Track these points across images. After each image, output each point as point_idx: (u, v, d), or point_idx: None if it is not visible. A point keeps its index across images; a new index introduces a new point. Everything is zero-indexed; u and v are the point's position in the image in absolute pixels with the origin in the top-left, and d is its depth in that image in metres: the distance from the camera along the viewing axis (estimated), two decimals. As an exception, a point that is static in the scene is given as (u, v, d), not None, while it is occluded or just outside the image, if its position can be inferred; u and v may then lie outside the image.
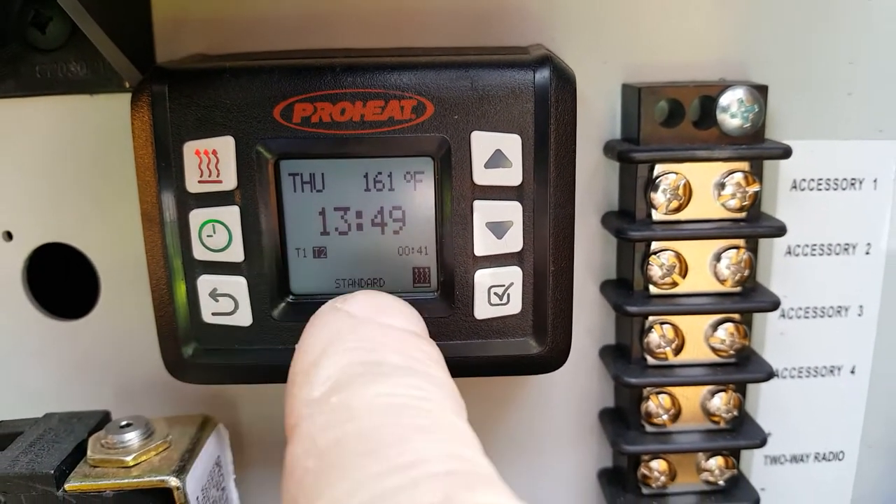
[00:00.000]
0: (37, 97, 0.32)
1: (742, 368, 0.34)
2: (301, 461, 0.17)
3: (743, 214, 0.32)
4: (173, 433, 0.31)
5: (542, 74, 0.26)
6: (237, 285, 0.28)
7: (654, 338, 0.33)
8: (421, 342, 0.21)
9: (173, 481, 0.28)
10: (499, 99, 0.26)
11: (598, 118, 0.34)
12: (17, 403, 0.36)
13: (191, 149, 0.26)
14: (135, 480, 0.28)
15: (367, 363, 0.19)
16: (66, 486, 0.28)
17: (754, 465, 0.39)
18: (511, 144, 0.26)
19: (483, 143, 0.26)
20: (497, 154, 0.26)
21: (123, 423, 0.30)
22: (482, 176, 0.27)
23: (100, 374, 0.36)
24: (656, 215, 0.32)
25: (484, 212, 0.27)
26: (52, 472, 0.28)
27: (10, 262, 0.34)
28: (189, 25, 0.32)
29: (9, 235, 0.34)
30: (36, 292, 0.35)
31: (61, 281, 0.36)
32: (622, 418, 0.36)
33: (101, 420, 0.32)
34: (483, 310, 0.28)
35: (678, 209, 0.32)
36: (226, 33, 0.32)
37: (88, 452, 0.29)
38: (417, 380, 0.19)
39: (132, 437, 0.30)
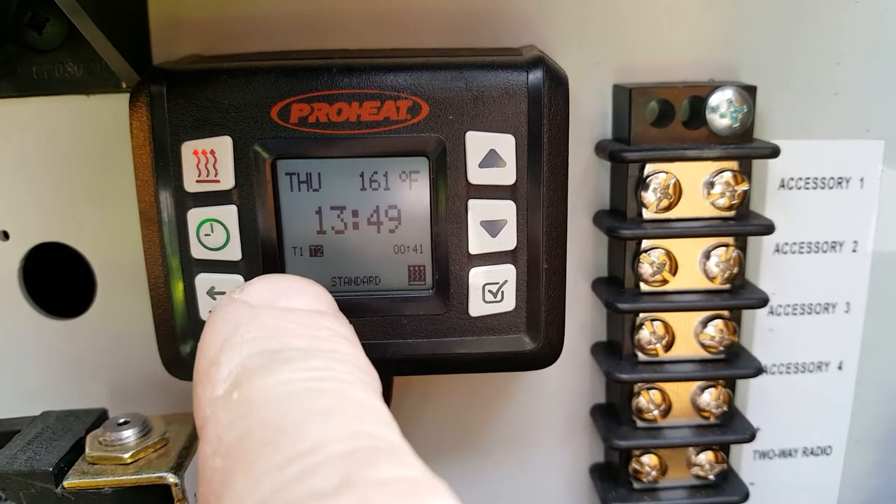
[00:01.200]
0: (34, 97, 0.32)
1: (731, 364, 0.34)
2: (210, 462, 0.16)
3: (732, 213, 0.33)
4: (170, 430, 0.31)
5: (536, 75, 0.27)
6: (235, 284, 0.28)
7: (644, 334, 0.34)
8: (325, 319, 0.20)
9: (171, 478, 0.28)
10: (493, 99, 0.27)
11: (589, 118, 0.34)
12: (13, 402, 0.36)
13: (189, 149, 0.27)
14: (133, 477, 0.28)
15: (267, 352, 0.18)
16: (65, 483, 0.28)
17: (743, 459, 0.39)
18: (505, 144, 0.27)
19: (477, 143, 0.27)
20: (491, 154, 0.27)
21: (121, 420, 0.30)
22: (476, 175, 0.27)
23: (96, 373, 0.36)
24: (647, 214, 0.33)
25: (478, 210, 0.27)
26: (51, 469, 0.28)
27: (6, 262, 0.35)
28: (185, 26, 0.32)
29: (5, 235, 0.34)
30: (32, 292, 0.35)
31: (58, 280, 0.36)
32: (614, 414, 0.36)
33: (99, 418, 0.32)
34: (477, 307, 0.28)
35: (668, 208, 0.33)
36: (221, 34, 0.32)
37: (86, 450, 0.29)
38: (321, 360, 0.18)
39: (130, 435, 0.30)
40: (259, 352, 0.18)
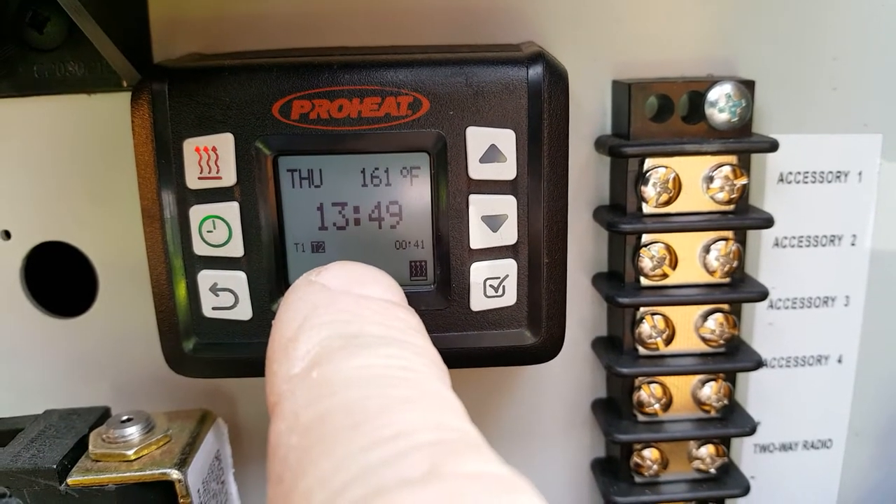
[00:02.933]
0: (35, 97, 0.32)
1: (731, 358, 0.34)
2: (284, 438, 0.16)
3: (731, 207, 0.33)
4: (173, 427, 0.31)
5: (536, 71, 0.27)
6: (237, 280, 0.28)
7: (645, 328, 0.34)
8: (399, 311, 0.20)
9: (175, 474, 0.29)
10: (493, 95, 0.27)
11: (589, 114, 0.34)
12: (16, 401, 0.36)
13: (191, 146, 0.27)
14: (137, 474, 0.29)
15: (346, 335, 0.18)
16: (69, 481, 0.28)
17: (744, 453, 0.39)
18: (505, 139, 0.27)
19: (478, 139, 0.27)
20: (492, 149, 0.27)
21: (124, 417, 0.30)
22: (477, 170, 0.27)
23: (98, 371, 0.36)
24: (647, 208, 0.33)
25: (479, 206, 0.27)
26: (55, 466, 0.28)
27: (8, 261, 0.35)
28: (185, 24, 0.32)
29: (7, 234, 0.34)
30: (34, 290, 0.36)
31: (59, 279, 0.36)
32: (614, 408, 0.36)
33: (101, 416, 0.32)
34: (479, 302, 0.28)
35: (668, 202, 0.33)
36: (222, 32, 0.32)
37: (90, 447, 0.30)
38: (398, 349, 0.18)
39: (133, 432, 0.30)
40: (339, 334, 0.18)
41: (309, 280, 0.21)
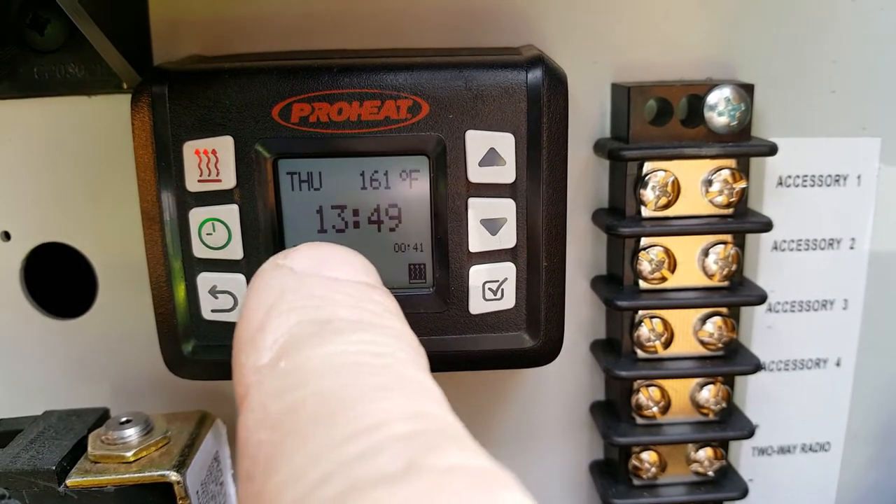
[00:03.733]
0: (35, 98, 0.32)
1: (730, 361, 0.34)
2: (254, 433, 0.15)
3: (730, 210, 0.33)
4: (172, 429, 0.31)
5: (535, 74, 0.27)
6: (236, 282, 0.28)
7: (643, 331, 0.34)
8: (374, 292, 0.19)
9: (174, 476, 0.29)
10: (492, 98, 0.27)
11: (588, 117, 0.34)
12: (15, 402, 0.36)
13: (190, 148, 0.27)
14: (136, 475, 0.29)
15: (316, 321, 0.17)
16: (68, 482, 0.28)
17: (742, 456, 0.39)
18: (504, 143, 0.27)
19: (477, 142, 0.27)
20: (491, 152, 0.27)
21: (123, 419, 0.30)
22: (476, 174, 0.27)
23: (97, 373, 0.36)
24: (645, 212, 0.33)
25: (478, 209, 0.27)
26: (54, 467, 0.28)
27: (8, 262, 0.35)
28: (185, 27, 0.32)
29: (7, 235, 0.34)
30: (34, 291, 0.36)
31: (59, 280, 0.36)
32: (613, 411, 0.36)
33: (101, 417, 0.32)
34: (478, 305, 0.28)
35: (667, 206, 0.33)
36: (222, 35, 0.32)
37: (89, 448, 0.30)
38: (372, 334, 0.17)
39: (132, 433, 0.30)
40: (308, 320, 0.17)
41: (276, 263, 0.19)
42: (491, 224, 0.28)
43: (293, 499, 0.13)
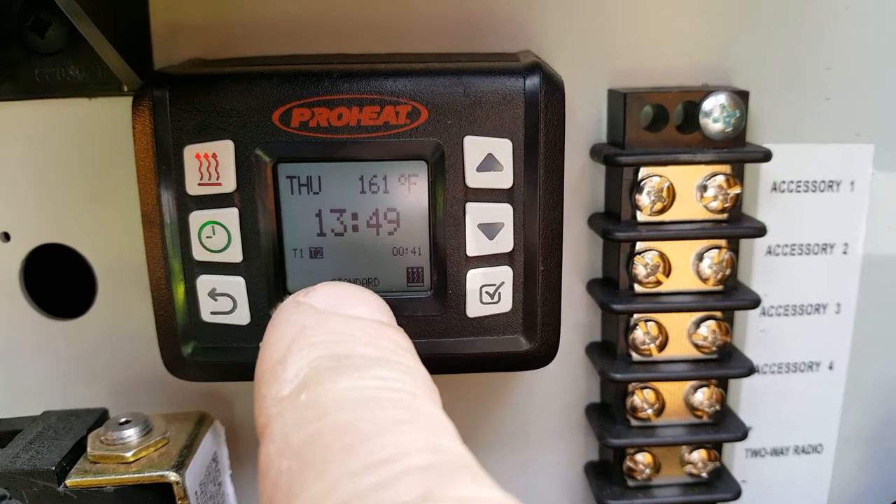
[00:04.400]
0: (35, 100, 0.33)
1: (724, 364, 0.35)
2: (275, 462, 0.16)
3: (724, 216, 0.33)
4: (171, 430, 0.31)
5: (532, 81, 0.27)
6: (236, 285, 0.28)
7: (638, 335, 0.34)
8: (389, 331, 0.20)
9: (173, 476, 0.29)
10: (491, 105, 0.27)
11: (584, 123, 0.34)
12: (14, 402, 0.36)
13: (191, 152, 0.27)
14: (135, 475, 0.29)
15: (336, 356, 0.18)
16: (67, 482, 0.28)
17: (736, 458, 0.40)
18: (502, 148, 0.27)
19: (475, 148, 0.27)
20: (489, 158, 0.27)
21: (122, 419, 0.31)
22: (474, 179, 0.27)
23: (96, 373, 0.36)
24: (641, 216, 0.33)
25: (476, 213, 0.28)
26: (54, 468, 0.29)
27: (7, 263, 0.35)
28: (186, 30, 0.32)
29: (6, 236, 0.35)
30: (33, 292, 0.36)
31: (58, 281, 0.37)
32: (608, 413, 0.36)
33: (100, 418, 0.32)
34: (475, 308, 0.29)
35: (662, 211, 0.33)
36: (222, 38, 0.32)
37: (88, 449, 0.30)
38: (389, 370, 0.18)
39: (131, 434, 0.30)
40: (328, 355, 0.18)
41: (297, 301, 0.21)
42: (488, 228, 0.28)
43: None
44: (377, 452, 0.15)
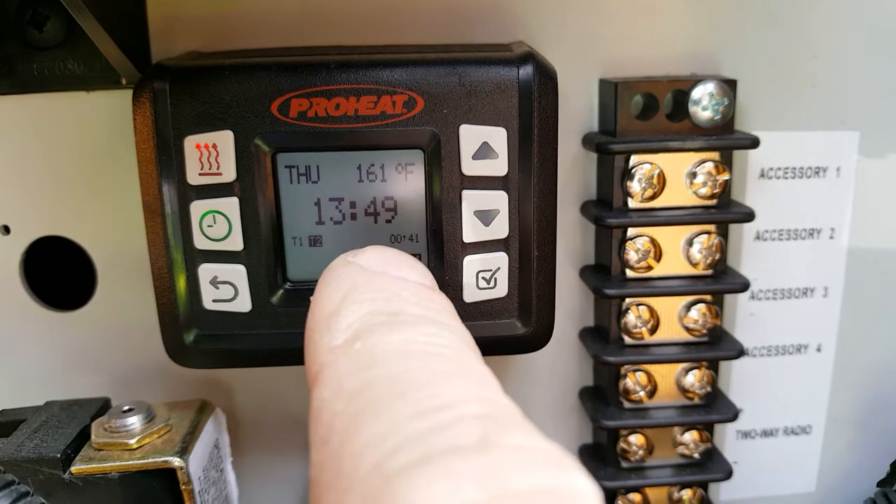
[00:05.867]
0: (34, 94, 0.33)
1: (714, 347, 0.35)
2: (329, 404, 0.17)
3: (714, 202, 0.34)
4: (174, 417, 0.32)
5: (526, 71, 0.28)
6: (237, 273, 0.29)
7: (630, 319, 0.35)
8: (434, 294, 0.21)
9: (177, 461, 0.29)
10: (485, 94, 0.27)
11: (576, 112, 0.35)
12: (16, 393, 0.36)
13: (191, 143, 0.27)
14: (139, 461, 0.29)
15: (387, 312, 0.19)
16: (73, 469, 0.29)
17: (727, 439, 0.40)
18: (497, 137, 0.28)
19: (471, 136, 0.28)
20: (484, 146, 0.28)
21: (126, 407, 0.31)
22: (470, 167, 0.28)
23: (97, 364, 0.37)
24: (632, 203, 0.34)
25: (472, 201, 0.28)
26: (59, 455, 0.29)
27: (7, 256, 0.35)
28: (183, 23, 0.33)
29: (6, 229, 0.35)
30: (34, 285, 0.36)
31: (58, 273, 0.37)
32: (601, 396, 0.37)
33: (102, 406, 0.33)
34: (471, 293, 0.29)
35: (653, 197, 0.34)
36: (219, 31, 0.33)
37: (92, 436, 0.30)
38: (436, 328, 0.19)
39: (135, 421, 0.30)
40: (379, 311, 0.19)
41: (346, 261, 0.21)
42: (484, 215, 0.28)
43: (374, 462, 0.14)
44: (432, 400, 0.15)
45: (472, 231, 0.29)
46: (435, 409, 0.15)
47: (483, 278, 0.29)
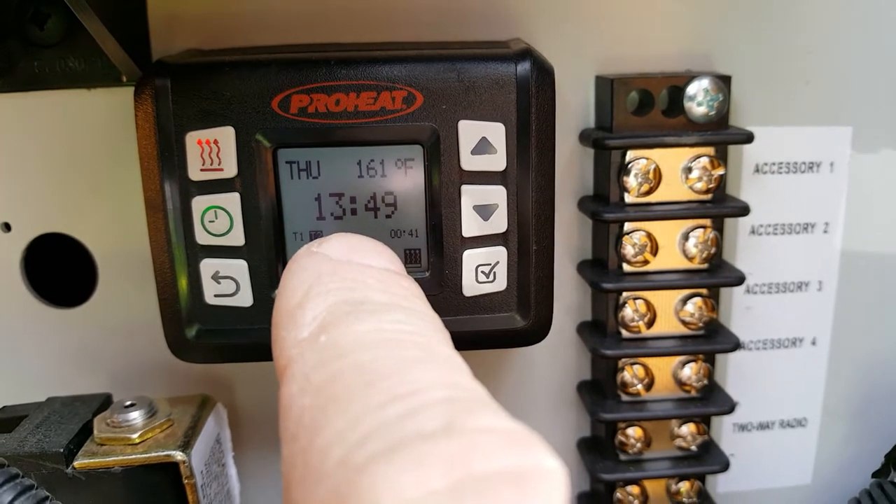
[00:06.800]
0: (35, 92, 0.33)
1: (710, 340, 0.36)
2: (297, 400, 0.16)
3: (709, 196, 0.34)
4: (175, 412, 0.32)
5: (524, 67, 0.28)
6: (238, 268, 0.29)
7: (627, 312, 0.35)
8: (401, 279, 0.21)
9: (179, 455, 0.30)
10: (484, 90, 0.28)
11: (573, 108, 0.35)
12: (17, 390, 0.36)
13: (193, 139, 0.28)
14: (142, 456, 0.29)
15: (352, 302, 0.19)
16: (76, 464, 0.29)
17: (724, 432, 0.41)
18: (496, 132, 0.28)
19: (469, 131, 0.28)
20: (483, 141, 0.28)
21: (127, 403, 0.31)
22: (469, 162, 0.28)
23: (98, 360, 0.37)
24: (629, 198, 0.34)
25: (471, 195, 0.29)
26: (62, 450, 0.29)
27: (8, 253, 0.35)
28: (183, 21, 0.33)
29: (7, 227, 0.35)
30: (34, 282, 0.36)
31: (59, 270, 0.37)
32: (599, 389, 0.37)
33: (104, 402, 0.33)
34: (471, 287, 0.29)
35: (649, 192, 0.34)
36: (219, 29, 0.33)
37: (95, 431, 0.30)
38: (403, 314, 0.18)
39: (137, 416, 0.31)
40: (344, 300, 0.19)
41: (311, 251, 0.21)
42: (483, 210, 0.29)
43: (340, 456, 0.14)
44: (398, 387, 0.15)
45: (471, 225, 0.29)
46: (401, 396, 0.15)
47: (482, 272, 0.29)
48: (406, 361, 0.16)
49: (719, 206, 0.34)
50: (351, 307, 0.18)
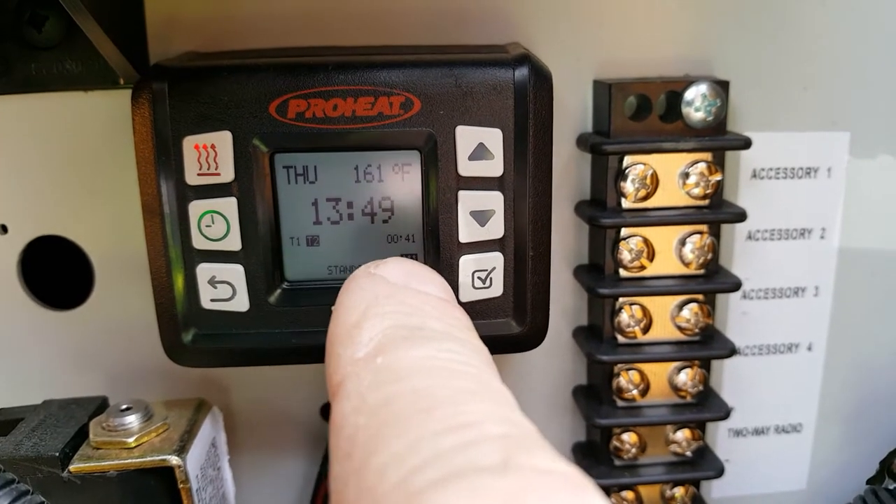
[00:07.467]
0: (33, 94, 0.33)
1: (706, 346, 0.36)
2: (351, 418, 0.17)
3: (706, 202, 0.34)
4: (171, 416, 0.32)
5: (522, 72, 0.28)
6: (235, 273, 0.29)
7: (624, 318, 0.35)
8: (454, 309, 0.21)
9: (174, 460, 0.30)
10: (481, 95, 0.28)
11: (571, 112, 0.35)
12: (13, 393, 0.36)
13: (190, 143, 0.28)
14: (137, 460, 0.29)
15: (409, 327, 0.19)
16: (71, 468, 0.29)
17: (719, 437, 0.41)
18: (493, 138, 0.28)
19: (467, 137, 0.28)
20: (480, 147, 0.28)
21: (123, 406, 0.31)
22: (466, 167, 0.28)
23: (94, 363, 0.37)
24: (626, 203, 0.34)
25: (468, 201, 0.29)
26: (57, 454, 0.29)
27: (5, 255, 0.35)
28: (181, 24, 0.33)
29: (4, 229, 0.35)
30: (31, 284, 0.36)
31: (56, 272, 0.37)
32: (595, 394, 0.37)
33: (100, 405, 0.33)
34: (467, 293, 0.29)
35: (646, 197, 0.34)
36: (216, 32, 0.33)
37: (90, 435, 0.30)
38: (458, 345, 0.19)
39: (132, 420, 0.31)
40: (402, 325, 0.19)
41: (368, 272, 0.22)
42: (480, 216, 0.29)
43: (397, 479, 0.14)
44: (455, 418, 0.15)
45: (467, 231, 0.29)
46: (458, 427, 0.15)
47: (479, 278, 0.29)
48: (461, 392, 0.16)
49: (716, 212, 0.34)
50: (408, 332, 0.19)
